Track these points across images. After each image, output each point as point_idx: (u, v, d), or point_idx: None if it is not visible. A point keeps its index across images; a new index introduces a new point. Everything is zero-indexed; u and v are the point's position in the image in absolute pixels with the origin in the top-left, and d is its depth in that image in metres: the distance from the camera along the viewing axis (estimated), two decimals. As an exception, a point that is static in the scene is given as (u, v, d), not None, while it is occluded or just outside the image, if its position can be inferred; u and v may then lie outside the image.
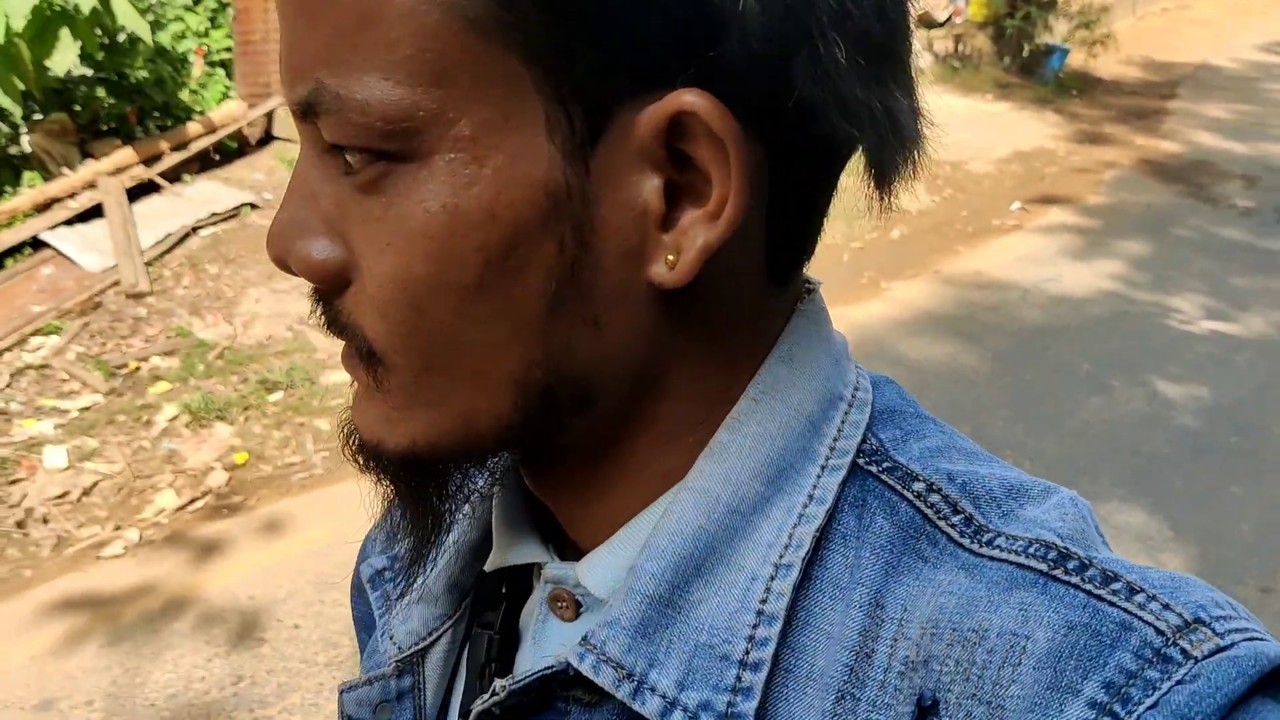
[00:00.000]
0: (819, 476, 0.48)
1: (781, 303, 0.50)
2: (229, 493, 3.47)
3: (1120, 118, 8.65)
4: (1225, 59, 10.56)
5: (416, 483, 0.49)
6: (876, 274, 5.28)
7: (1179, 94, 9.54)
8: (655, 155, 0.42)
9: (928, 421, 0.52)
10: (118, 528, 3.29)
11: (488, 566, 0.55)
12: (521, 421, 0.46)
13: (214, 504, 3.42)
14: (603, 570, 0.49)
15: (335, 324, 0.47)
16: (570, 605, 0.52)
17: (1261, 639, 0.41)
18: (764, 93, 0.42)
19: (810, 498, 0.47)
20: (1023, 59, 9.59)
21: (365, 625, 0.68)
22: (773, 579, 0.46)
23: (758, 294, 0.48)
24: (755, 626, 0.46)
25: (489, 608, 0.57)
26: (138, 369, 4.14)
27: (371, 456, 0.48)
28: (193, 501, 3.43)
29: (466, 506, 0.56)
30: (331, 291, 0.46)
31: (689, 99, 0.41)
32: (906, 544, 0.46)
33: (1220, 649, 0.40)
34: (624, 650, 0.46)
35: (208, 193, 5.33)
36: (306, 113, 0.43)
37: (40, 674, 2.68)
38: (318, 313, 0.47)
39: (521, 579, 0.56)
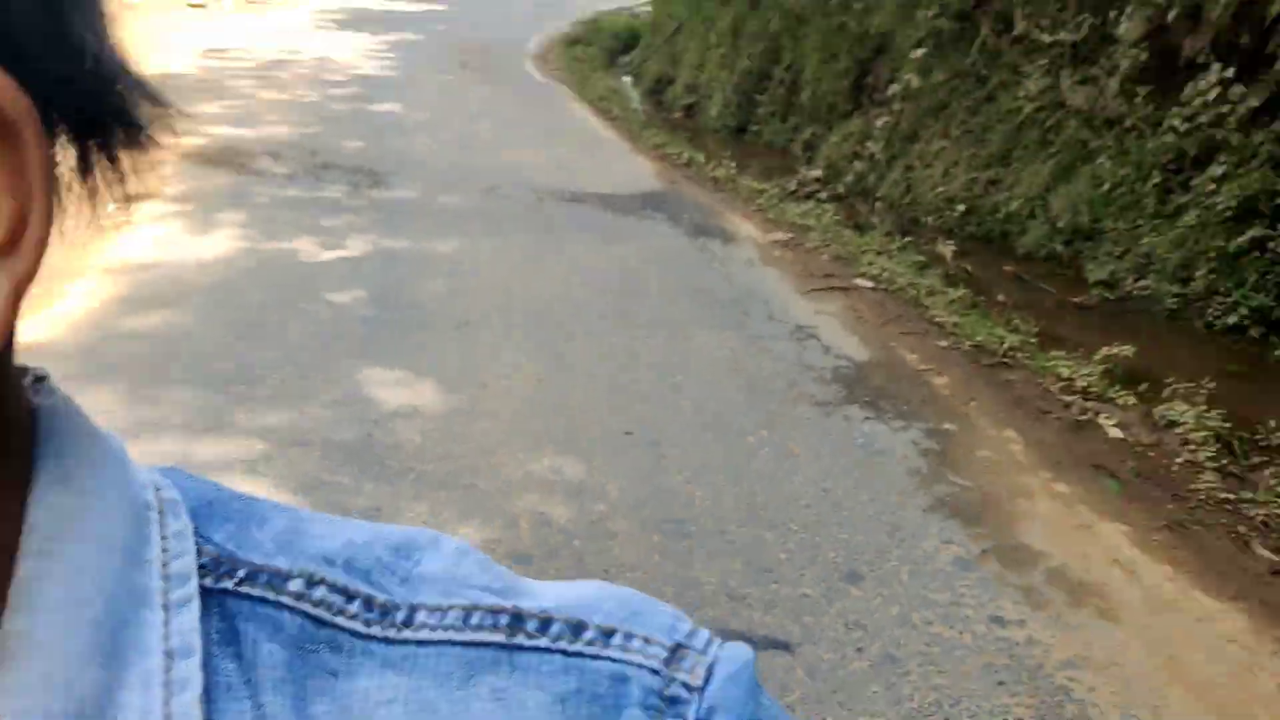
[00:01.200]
0: (166, 623, 0.35)
1: (10, 387, 0.33)
2: None
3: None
4: (178, 66, 11.89)
5: None
6: (49, 278, 5.49)
7: (171, 100, 10.63)
8: None
9: (254, 501, 0.40)
10: None
11: None
12: None
13: None
14: None
15: None
16: None
17: (721, 641, 0.39)
18: (49, 50, 0.29)
19: (169, 656, 0.34)
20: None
21: None
22: None
23: None
24: None
25: None
26: None
27: None
28: None
29: None
30: None
31: None
32: (307, 663, 0.36)
33: (710, 669, 0.38)
34: None
35: None
36: None
37: None
38: None
39: None
